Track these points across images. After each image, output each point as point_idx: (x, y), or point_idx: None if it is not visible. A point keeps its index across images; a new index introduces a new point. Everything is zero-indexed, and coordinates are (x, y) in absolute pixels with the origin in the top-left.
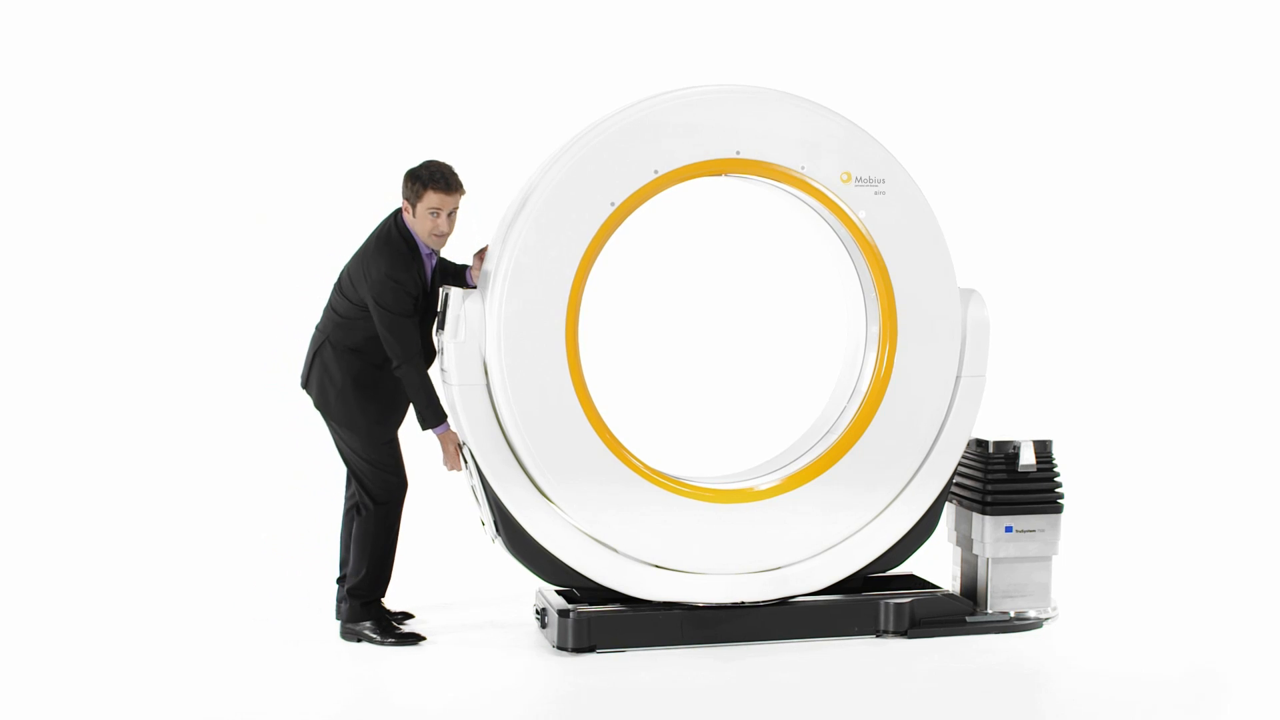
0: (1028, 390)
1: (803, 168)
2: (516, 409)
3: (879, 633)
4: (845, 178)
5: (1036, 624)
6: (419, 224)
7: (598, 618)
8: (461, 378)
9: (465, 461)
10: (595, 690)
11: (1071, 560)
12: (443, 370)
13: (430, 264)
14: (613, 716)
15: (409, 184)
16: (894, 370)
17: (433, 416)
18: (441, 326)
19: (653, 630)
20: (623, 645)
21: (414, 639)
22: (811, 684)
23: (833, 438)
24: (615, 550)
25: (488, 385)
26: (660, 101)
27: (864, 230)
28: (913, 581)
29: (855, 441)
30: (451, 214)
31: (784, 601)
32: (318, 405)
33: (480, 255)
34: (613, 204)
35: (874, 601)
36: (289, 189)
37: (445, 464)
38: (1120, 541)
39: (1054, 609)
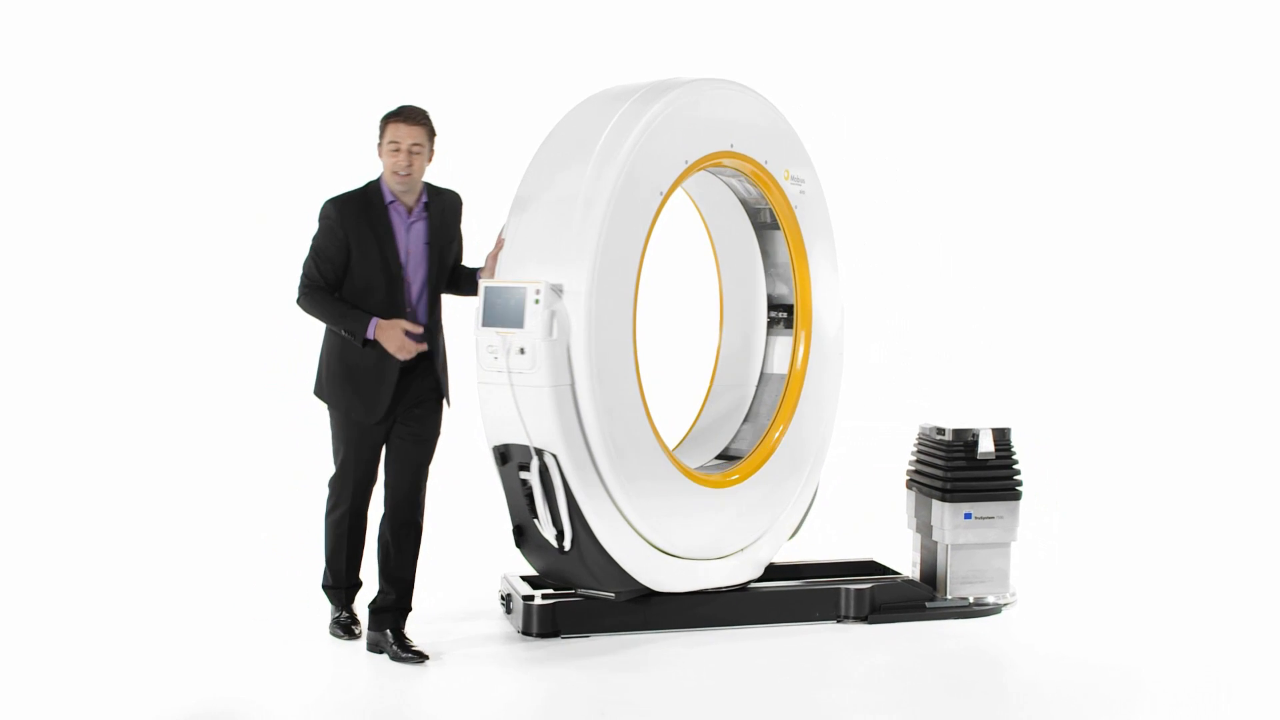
0: (986, 379)
1: (766, 161)
2: (602, 408)
3: (840, 618)
4: (786, 175)
5: (995, 609)
6: (384, 164)
7: (562, 603)
8: (555, 378)
9: (526, 468)
10: (559, 676)
11: (1030, 546)
12: (511, 372)
13: (402, 222)
14: (578, 701)
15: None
16: (810, 354)
17: (356, 322)
18: (492, 323)
19: (617, 616)
20: (587, 631)
21: (348, 634)
22: (774, 668)
23: (765, 419)
24: (654, 546)
25: (572, 386)
26: (683, 95)
27: (798, 223)
28: (873, 568)
29: (790, 420)
30: (414, 151)
31: (744, 587)
32: (315, 391)
33: (498, 248)
34: (660, 193)
35: (835, 588)
36: (288, 189)
37: (394, 350)
38: (1078, 528)
39: (1012, 594)
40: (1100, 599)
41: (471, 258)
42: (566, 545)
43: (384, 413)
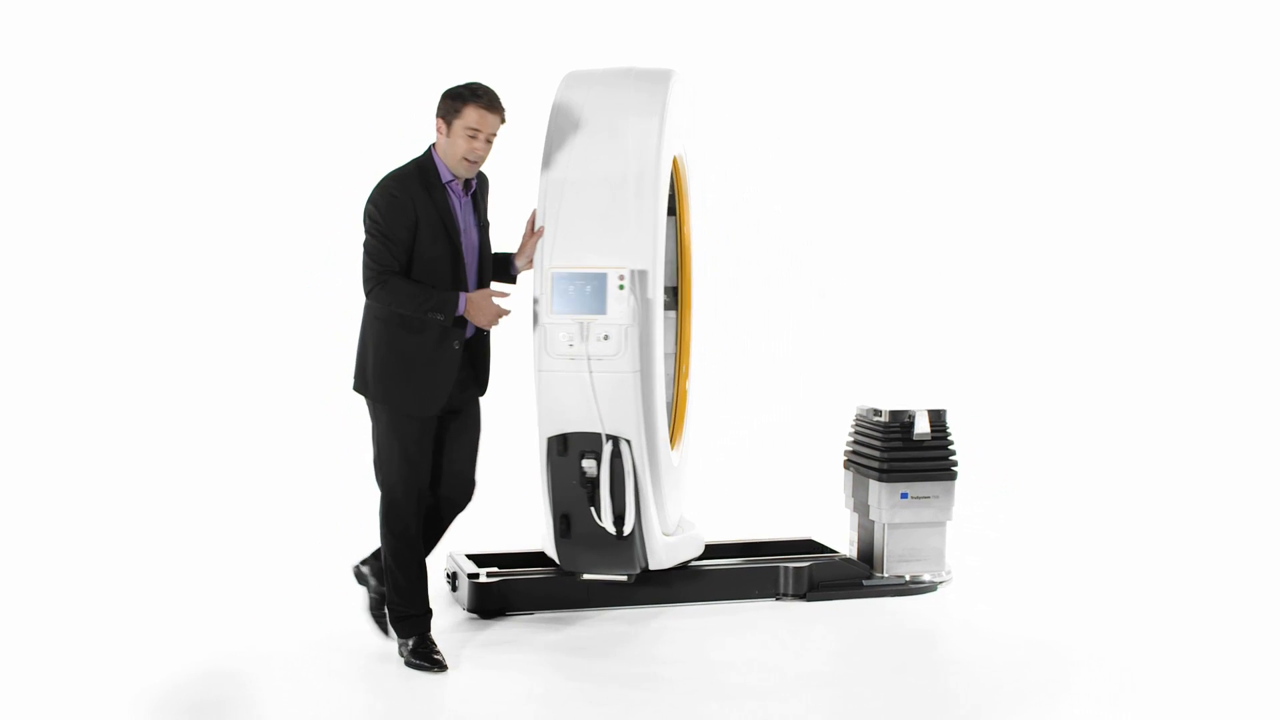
0: (922, 362)
1: (685, 150)
2: (657, 391)
3: (779, 596)
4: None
5: (931, 587)
6: (452, 146)
7: (508, 582)
8: (635, 364)
9: (588, 456)
10: (507, 653)
11: (965, 526)
12: (592, 359)
13: (459, 198)
14: (526, 677)
15: (446, 102)
16: (691, 331)
17: (445, 300)
18: (567, 310)
19: (562, 594)
20: (532, 609)
21: (438, 666)
22: (712, 646)
23: (666, 393)
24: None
25: (642, 370)
26: (674, 83)
27: (687, 209)
28: (811, 546)
29: (686, 394)
30: (490, 139)
31: (684, 565)
32: (356, 387)
33: (537, 235)
34: (669, 178)
35: (774, 566)
36: (291, 189)
37: (487, 322)
38: (1012, 508)
39: (948, 572)
40: (1033, 577)
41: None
42: (626, 531)
43: (443, 404)
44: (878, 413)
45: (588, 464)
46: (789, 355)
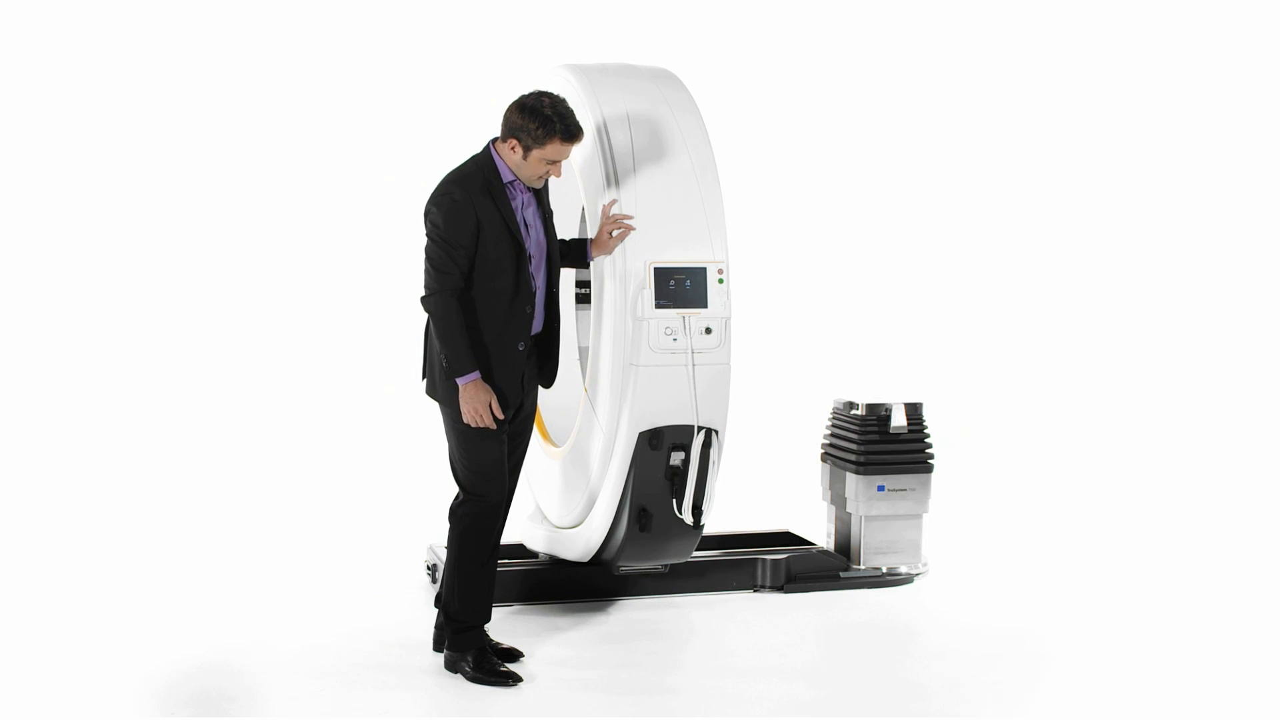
0: (899, 355)
1: None
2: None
3: (756, 588)
4: None
5: (907, 579)
6: (525, 167)
7: None
8: (728, 356)
9: (679, 449)
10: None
11: (941, 518)
12: (695, 352)
13: (520, 197)
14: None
15: (526, 122)
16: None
17: (464, 363)
18: (668, 304)
19: (541, 585)
20: (511, 600)
21: (511, 679)
22: (689, 637)
23: None
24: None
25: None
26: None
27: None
28: (789, 539)
29: None
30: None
31: None
32: (428, 391)
33: (624, 230)
34: None
35: (752, 558)
36: (299, 190)
37: (466, 415)
38: (988, 500)
39: (924, 565)
40: (1009, 569)
41: None
42: (704, 521)
43: (516, 404)
44: (854, 406)
45: (680, 456)
46: (764, 349)
